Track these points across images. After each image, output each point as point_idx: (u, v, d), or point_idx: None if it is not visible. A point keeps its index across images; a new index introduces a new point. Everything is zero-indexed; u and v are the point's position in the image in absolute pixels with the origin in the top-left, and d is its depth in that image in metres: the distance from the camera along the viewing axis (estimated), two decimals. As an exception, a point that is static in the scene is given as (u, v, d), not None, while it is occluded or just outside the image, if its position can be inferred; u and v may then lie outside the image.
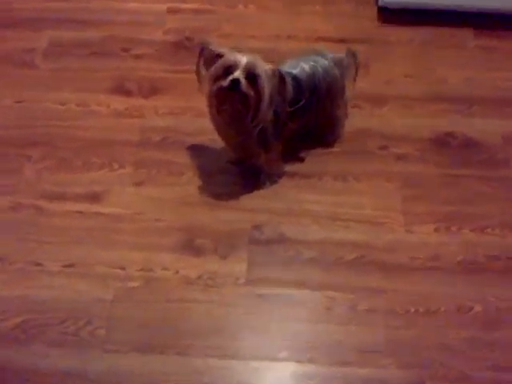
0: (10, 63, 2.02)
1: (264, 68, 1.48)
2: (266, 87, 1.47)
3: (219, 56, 1.50)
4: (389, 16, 2.14)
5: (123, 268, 1.55)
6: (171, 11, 2.18)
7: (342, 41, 2.06)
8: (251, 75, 1.46)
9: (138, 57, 2.03)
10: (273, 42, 2.07)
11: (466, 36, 2.10)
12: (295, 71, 1.59)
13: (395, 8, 2.09)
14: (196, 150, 1.79)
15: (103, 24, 2.13)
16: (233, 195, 1.70)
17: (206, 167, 1.76)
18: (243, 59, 1.46)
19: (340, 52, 1.75)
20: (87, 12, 2.17)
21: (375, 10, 2.17)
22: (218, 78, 1.48)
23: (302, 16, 2.17)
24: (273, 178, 1.73)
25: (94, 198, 1.69)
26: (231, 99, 1.48)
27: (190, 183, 1.72)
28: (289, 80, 1.52)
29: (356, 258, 1.59)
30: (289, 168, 1.75)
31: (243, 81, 1.44)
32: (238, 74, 1.44)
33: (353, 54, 1.71)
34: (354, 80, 1.72)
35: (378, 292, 1.52)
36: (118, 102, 1.90)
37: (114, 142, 1.81)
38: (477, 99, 1.92)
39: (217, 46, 1.55)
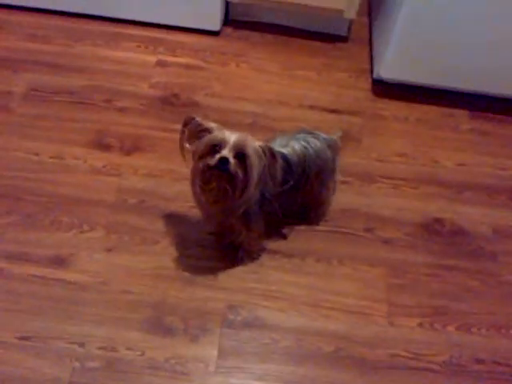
0: (-18, 105, 1.92)
1: (254, 147, 1.38)
2: (255, 167, 1.38)
3: (205, 130, 1.40)
4: (384, 89, 2.09)
5: (83, 345, 1.43)
6: (160, 64, 2.09)
7: (334, 111, 2.00)
8: (240, 154, 1.36)
9: (120, 110, 1.92)
10: (263, 107, 1.99)
11: (461, 117, 2.05)
12: (285, 151, 1.50)
13: (390, 82, 2.05)
14: (173, 218, 1.69)
15: (86, 71, 2.03)
16: (209, 271, 1.60)
17: (183, 237, 1.65)
18: (232, 137, 1.36)
19: (332, 127, 1.68)
20: (70, 57, 2.07)
21: (370, 81, 2.12)
22: (204, 155, 1.38)
23: (295, 81, 2.10)
24: (252, 254, 1.63)
25: (59, 262, 1.57)
26: (218, 179, 1.37)
27: (164, 253, 1.61)
28: (279, 160, 1.44)
29: (334, 350, 1.49)
30: (270, 245, 1.65)
31: (232, 160, 1.35)
32: (226, 152, 1.34)
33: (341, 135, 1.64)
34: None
35: (354, 392, 1.43)
36: (96, 158, 1.79)
37: (86, 201, 1.69)
38: (468, 185, 1.86)
39: (202, 119, 1.44)
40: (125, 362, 1.42)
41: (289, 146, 1.51)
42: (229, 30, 2.24)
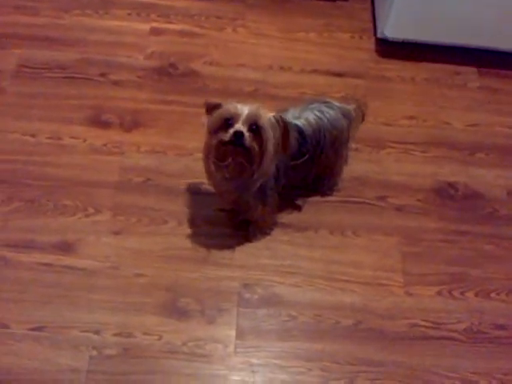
0: (-28, 85, 1.82)
1: (267, 118, 1.32)
2: (270, 139, 1.32)
3: (217, 107, 1.34)
4: (388, 49, 2.01)
5: (98, 332, 1.40)
6: (155, 32, 1.99)
7: (338, 74, 1.93)
8: (254, 127, 1.30)
9: (116, 83, 1.84)
10: (264, 73, 1.91)
11: (469, 75, 1.98)
12: (299, 123, 1.44)
13: (395, 41, 1.97)
14: (180, 196, 1.63)
15: (78, 44, 1.93)
16: (220, 249, 1.55)
17: (192, 215, 1.60)
18: (245, 109, 1.30)
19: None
20: (60, 29, 1.97)
21: (373, 41, 2.04)
22: (216, 130, 1.32)
23: (296, 44, 2.01)
24: (264, 230, 1.59)
25: (66, 248, 1.52)
26: (233, 154, 1.32)
27: (173, 233, 1.57)
28: (293, 132, 1.38)
29: (353, 324, 1.47)
30: (282, 219, 1.61)
31: (247, 133, 1.29)
32: (239, 126, 1.28)
33: (360, 106, 1.58)
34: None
35: (376, 365, 1.41)
36: (96, 136, 1.71)
37: (89, 183, 1.63)
38: (480, 146, 1.81)
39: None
40: (142, 348, 1.39)
41: (302, 118, 1.46)
42: (221, -10, 2.15)
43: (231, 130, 1.29)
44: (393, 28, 1.91)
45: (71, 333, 1.39)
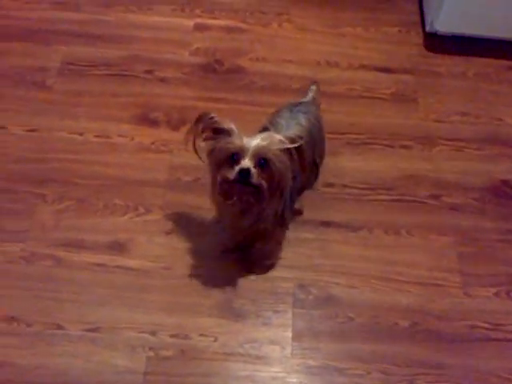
0: (18, 83, 1.80)
1: (277, 148, 1.22)
2: (282, 170, 1.23)
3: (222, 132, 1.24)
4: (438, 43, 1.97)
5: (154, 333, 1.38)
6: (198, 28, 1.97)
7: (386, 70, 1.89)
8: (262, 161, 1.20)
9: (163, 80, 1.82)
10: (311, 69, 1.88)
11: (523, 70, 1.95)
12: (298, 131, 1.33)
13: (445, 35, 1.92)
14: (231, 195, 1.62)
15: (123, 41, 1.92)
16: (274, 248, 1.54)
17: (243, 215, 1.59)
18: (252, 143, 1.20)
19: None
20: (104, 26, 1.95)
21: (422, 35, 2.00)
22: (221, 164, 1.24)
23: (342, 39, 1.98)
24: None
25: (118, 248, 1.50)
26: (240, 192, 1.24)
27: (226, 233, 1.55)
28: (309, 151, 1.30)
29: (410, 325, 1.44)
30: (332, 218, 1.58)
31: (253, 170, 1.19)
32: (246, 162, 1.19)
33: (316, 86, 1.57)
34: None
35: (435, 367, 1.38)
36: (143, 134, 1.70)
37: (139, 182, 1.61)
38: (535, 143, 1.78)
39: (218, 117, 1.26)
40: (199, 349, 1.37)
41: (298, 125, 1.38)
42: (267, -14, 2.12)
43: (237, 168, 1.20)
44: (444, 22, 1.87)
45: (127, 334, 1.38)
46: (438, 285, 1.51)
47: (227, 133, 1.24)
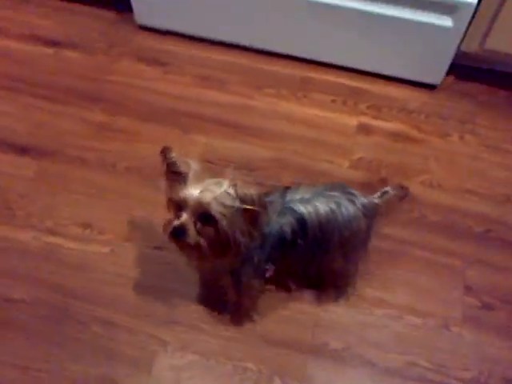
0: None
1: (228, 203, 1.02)
2: (229, 229, 1.03)
3: (178, 174, 1.06)
4: None
5: None
6: (363, 130, 1.61)
7: None
8: (205, 216, 1.03)
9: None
10: (499, 207, 1.49)
11: None
12: (305, 211, 1.15)
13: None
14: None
15: (270, 136, 1.59)
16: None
17: None
18: (194, 194, 1.02)
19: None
20: (249, 112, 1.64)
21: None
22: (173, 212, 1.07)
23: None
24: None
25: None
26: (180, 247, 1.08)
27: None
28: (265, 218, 1.06)
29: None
30: None
31: (190, 227, 1.03)
32: (184, 218, 1.03)
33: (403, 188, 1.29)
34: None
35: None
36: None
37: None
38: None
39: (179, 156, 1.08)
40: None
41: (310, 204, 1.15)
42: (449, 79, 1.72)
43: (175, 222, 1.04)
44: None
45: None
46: None
47: (182, 177, 1.07)
